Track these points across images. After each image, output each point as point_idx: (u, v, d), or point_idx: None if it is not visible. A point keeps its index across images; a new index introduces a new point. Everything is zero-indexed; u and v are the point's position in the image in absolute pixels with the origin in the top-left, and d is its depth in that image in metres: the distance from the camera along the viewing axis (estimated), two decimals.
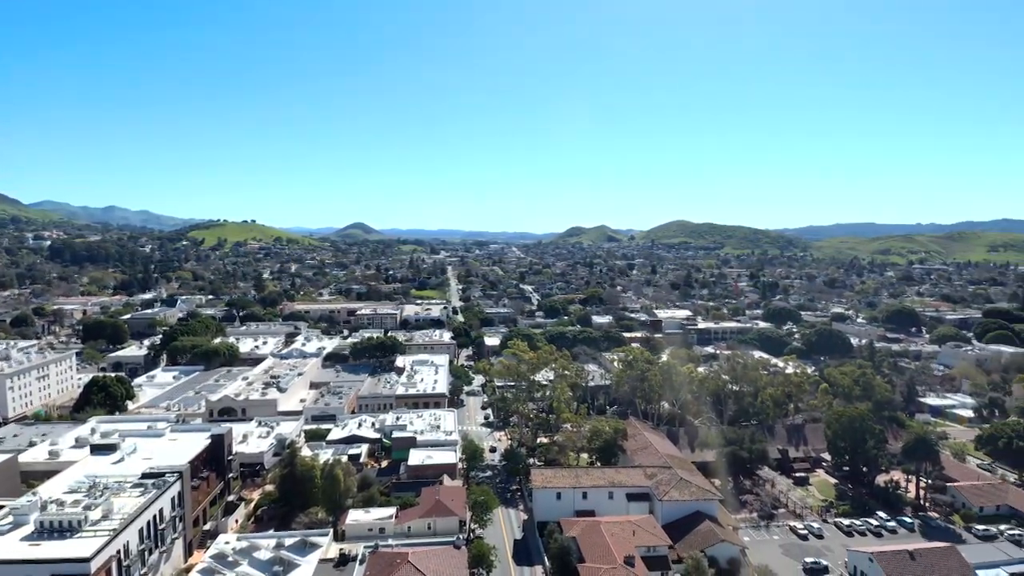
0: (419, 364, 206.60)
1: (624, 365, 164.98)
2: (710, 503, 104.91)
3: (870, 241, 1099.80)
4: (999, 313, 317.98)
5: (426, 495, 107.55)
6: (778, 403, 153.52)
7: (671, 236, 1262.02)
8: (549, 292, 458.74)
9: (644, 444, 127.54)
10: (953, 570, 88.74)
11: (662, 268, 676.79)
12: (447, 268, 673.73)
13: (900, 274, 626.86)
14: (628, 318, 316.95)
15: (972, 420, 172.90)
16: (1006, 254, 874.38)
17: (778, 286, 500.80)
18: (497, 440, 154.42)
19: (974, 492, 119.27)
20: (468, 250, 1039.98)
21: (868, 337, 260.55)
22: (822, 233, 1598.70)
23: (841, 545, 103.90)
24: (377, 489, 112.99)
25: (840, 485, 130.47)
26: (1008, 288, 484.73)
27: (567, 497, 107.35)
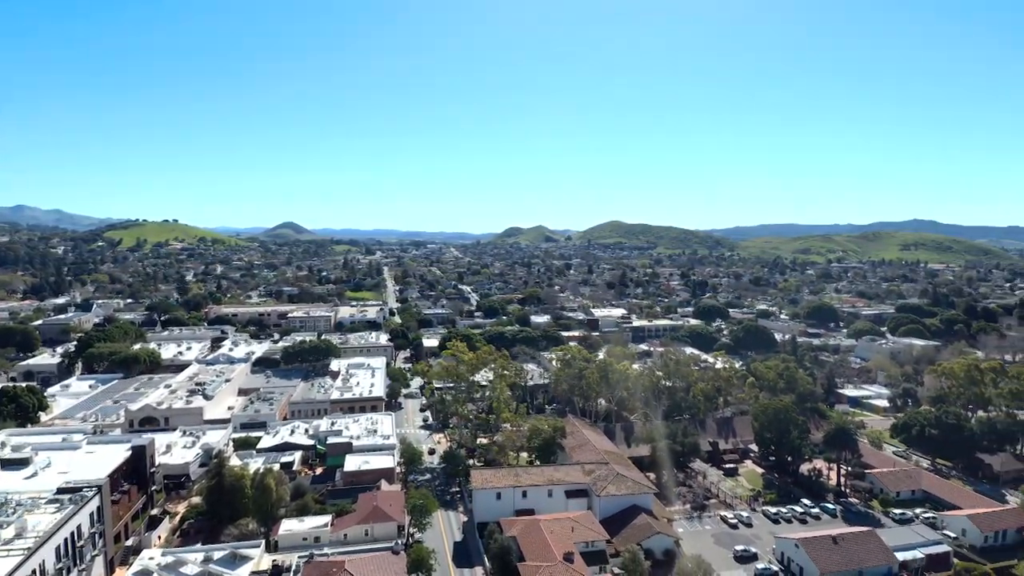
0: (355, 367, 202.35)
1: (562, 364, 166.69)
2: (646, 497, 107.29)
3: (792, 241, 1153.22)
4: (911, 308, 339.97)
5: (363, 501, 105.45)
6: (709, 397, 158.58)
7: (607, 236, 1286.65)
8: (488, 292, 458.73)
9: (582, 441, 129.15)
10: (873, 553, 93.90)
11: (598, 268, 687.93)
12: (383, 269, 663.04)
13: (820, 272, 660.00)
14: (566, 317, 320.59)
15: (887, 410, 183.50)
16: (917, 252, 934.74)
17: (707, 284, 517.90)
18: (436, 442, 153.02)
19: (890, 478, 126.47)
20: (405, 250, 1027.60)
21: (791, 332, 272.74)
22: (748, 233, 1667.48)
23: (769, 532, 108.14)
24: (311, 497, 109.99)
25: (767, 474, 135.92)
26: (919, 285, 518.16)
27: (507, 497, 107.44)
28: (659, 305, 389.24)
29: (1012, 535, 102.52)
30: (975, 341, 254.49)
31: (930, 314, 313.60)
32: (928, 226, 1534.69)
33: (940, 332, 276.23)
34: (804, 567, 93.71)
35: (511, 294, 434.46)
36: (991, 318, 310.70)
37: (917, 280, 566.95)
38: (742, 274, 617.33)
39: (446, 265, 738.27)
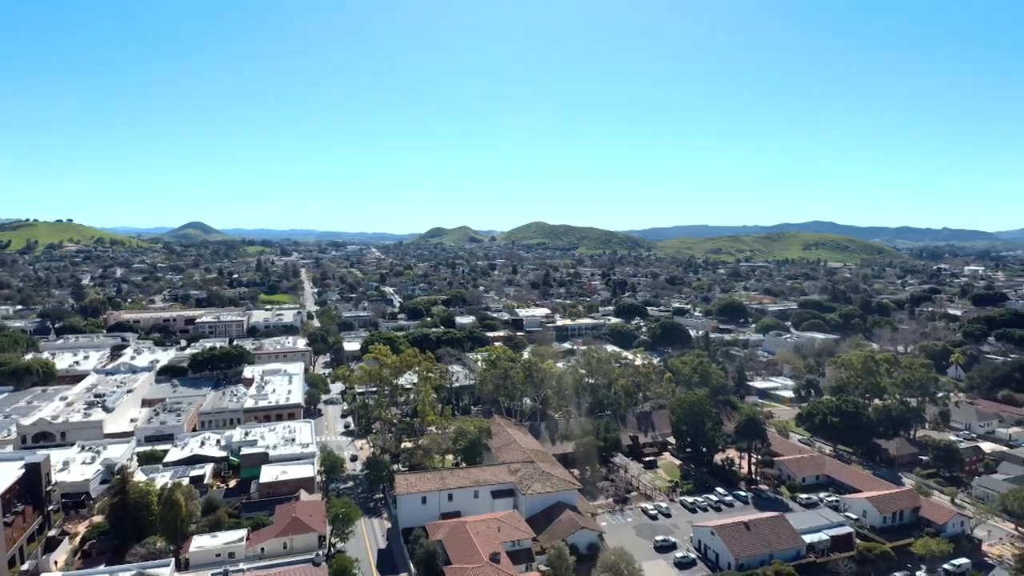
0: (270, 374, 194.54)
1: (488, 364, 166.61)
2: (570, 493, 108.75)
3: (704, 241, 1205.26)
4: (812, 304, 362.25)
5: (281, 513, 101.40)
6: (629, 393, 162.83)
7: (530, 237, 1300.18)
8: (411, 294, 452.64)
9: (508, 441, 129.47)
10: (783, 536, 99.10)
11: (523, 268, 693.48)
12: (300, 271, 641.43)
13: (730, 271, 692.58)
14: (491, 318, 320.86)
15: (793, 400, 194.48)
16: (817, 252, 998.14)
17: (627, 284, 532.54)
18: (359, 448, 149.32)
19: (797, 464, 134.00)
20: (323, 251, 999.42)
21: (704, 329, 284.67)
22: (664, 234, 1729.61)
23: (687, 521, 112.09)
24: (225, 511, 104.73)
25: (684, 466, 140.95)
26: (819, 282, 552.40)
27: (432, 500, 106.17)
28: (582, 304, 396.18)
29: (908, 515, 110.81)
30: (871, 334, 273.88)
31: (830, 309, 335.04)
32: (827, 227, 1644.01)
33: (839, 326, 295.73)
34: (720, 553, 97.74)
35: (435, 295, 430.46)
36: (885, 312, 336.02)
37: (818, 278, 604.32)
38: (659, 273, 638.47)
39: (367, 266, 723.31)
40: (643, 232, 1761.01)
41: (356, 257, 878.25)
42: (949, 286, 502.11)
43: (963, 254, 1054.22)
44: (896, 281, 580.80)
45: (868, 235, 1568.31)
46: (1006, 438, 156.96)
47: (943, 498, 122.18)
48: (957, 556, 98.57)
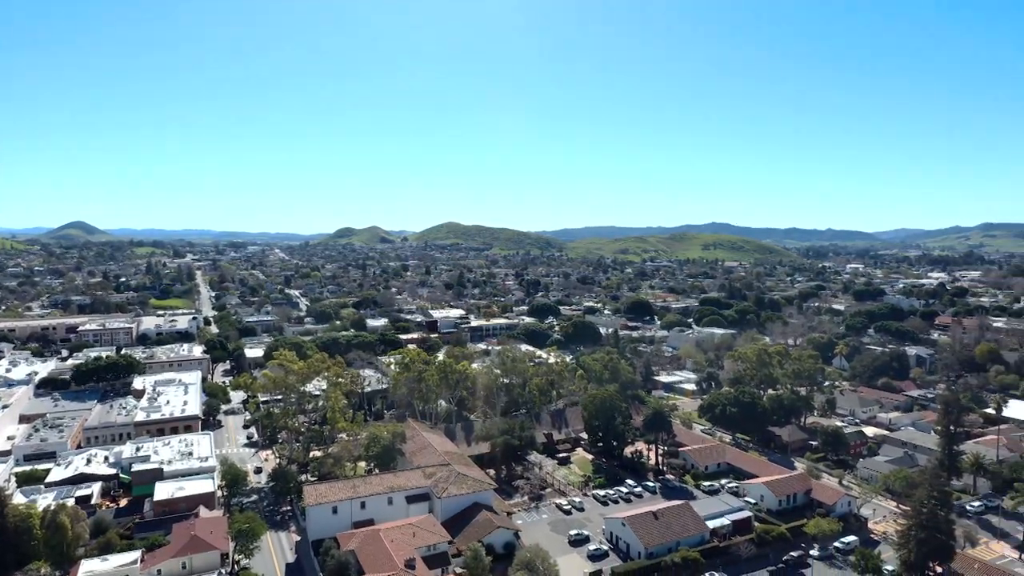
0: (163, 384, 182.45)
1: (401, 367, 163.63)
2: (486, 493, 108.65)
3: (613, 242, 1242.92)
4: (711, 301, 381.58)
5: (179, 531, 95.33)
6: (543, 391, 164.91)
7: (443, 237, 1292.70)
8: (319, 296, 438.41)
9: (423, 444, 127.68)
10: (688, 523, 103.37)
11: (436, 269, 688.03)
12: (196, 273, 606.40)
13: (636, 270, 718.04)
14: (404, 320, 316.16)
15: (695, 392, 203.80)
16: (716, 252, 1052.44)
17: (540, 284, 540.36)
18: (263, 460, 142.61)
19: (700, 454, 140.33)
20: (221, 252, 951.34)
21: (614, 327, 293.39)
22: (575, 235, 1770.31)
23: (599, 514, 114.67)
24: (116, 532, 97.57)
25: (596, 460, 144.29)
26: (718, 280, 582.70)
27: (344, 510, 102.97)
28: (496, 304, 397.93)
29: (801, 497, 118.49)
30: (764, 328, 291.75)
31: (727, 306, 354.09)
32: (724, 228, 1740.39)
33: (736, 322, 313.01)
34: (630, 543, 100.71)
35: (345, 297, 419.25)
36: (776, 308, 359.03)
37: (716, 276, 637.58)
38: (571, 273, 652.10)
39: (271, 268, 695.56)
40: (555, 233, 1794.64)
41: (258, 258, 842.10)
42: (833, 283, 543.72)
43: (845, 253, 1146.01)
44: (786, 279, 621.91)
45: (761, 235, 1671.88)
46: (886, 422, 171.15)
47: (832, 480, 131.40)
48: (846, 534, 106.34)
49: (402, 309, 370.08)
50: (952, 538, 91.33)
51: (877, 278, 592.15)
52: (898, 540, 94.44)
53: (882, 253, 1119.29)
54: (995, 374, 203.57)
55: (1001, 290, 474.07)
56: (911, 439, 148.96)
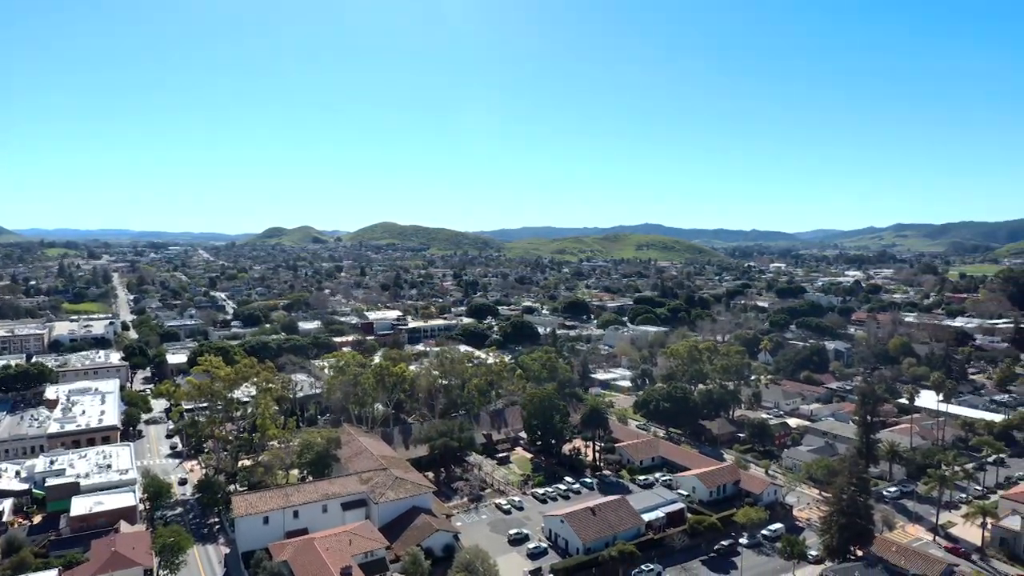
0: (79, 393, 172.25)
1: (335, 371, 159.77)
2: (425, 497, 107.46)
3: (550, 242, 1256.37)
4: (645, 300, 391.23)
5: (98, 548, 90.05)
6: (482, 392, 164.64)
7: (379, 237, 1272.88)
8: (247, 298, 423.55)
9: (359, 449, 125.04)
10: (624, 517, 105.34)
11: (372, 269, 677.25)
12: (112, 276, 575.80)
13: (573, 270, 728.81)
14: (338, 322, 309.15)
15: (630, 389, 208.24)
16: (648, 252, 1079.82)
17: (478, 284, 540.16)
18: (188, 471, 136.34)
19: (635, 449, 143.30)
20: (140, 253, 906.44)
21: (552, 326, 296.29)
22: (513, 235, 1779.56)
23: (539, 512, 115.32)
24: (30, 551, 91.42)
25: (535, 459, 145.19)
26: (651, 279, 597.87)
27: (276, 520, 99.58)
28: (434, 305, 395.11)
29: (730, 488, 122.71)
30: (694, 326, 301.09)
31: (660, 304, 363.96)
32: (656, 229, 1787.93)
33: (668, 319, 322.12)
34: (569, 540, 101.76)
35: (275, 300, 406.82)
36: (705, 306, 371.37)
37: (649, 276, 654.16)
38: (509, 273, 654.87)
39: (195, 270, 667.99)
40: (493, 233, 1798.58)
41: (181, 259, 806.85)
42: (758, 281, 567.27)
43: (768, 253, 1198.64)
44: (714, 277, 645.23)
45: (690, 236, 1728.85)
46: (808, 414, 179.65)
47: (759, 470, 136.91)
48: (772, 522, 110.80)
49: (336, 311, 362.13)
50: (871, 523, 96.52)
51: (798, 277, 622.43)
52: (821, 526, 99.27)
53: (802, 253, 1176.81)
54: (907, 366, 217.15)
55: (912, 287, 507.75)
56: (831, 429, 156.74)
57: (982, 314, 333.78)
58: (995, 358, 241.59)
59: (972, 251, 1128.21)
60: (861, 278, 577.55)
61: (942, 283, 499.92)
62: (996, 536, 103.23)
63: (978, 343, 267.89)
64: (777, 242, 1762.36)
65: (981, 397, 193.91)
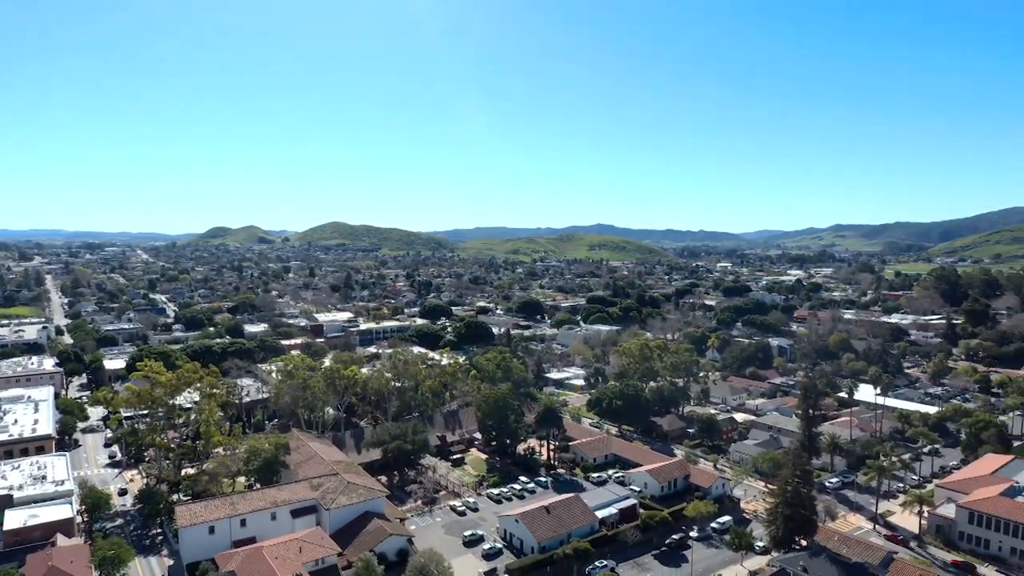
0: (9, 402, 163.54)
1: (283, 375, 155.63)
2: (377, 501, 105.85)
3: (504, 242, 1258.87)
4: (598, 299, 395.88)
5: (33, 563, 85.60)
6: (436, 393, 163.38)
7: (328, 238, 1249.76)
8: (189, 301, 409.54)
9: (309, 455, 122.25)
10: (578, 515, 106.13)
11: (321, 270, 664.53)
12: (45, 278, 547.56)
13: (527, 270, 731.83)
14: (286, 324, 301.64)
15: (584, 387, 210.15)
16: (600, 252, 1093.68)
17: (432, 284, 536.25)
18: (128, 481, 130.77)
19: (588, 447, 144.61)
20: (75, 254, 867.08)
21: (506, 326, 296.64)
22: (466, 235, 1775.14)
23: (493, 513, 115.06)
24: None
25: (490, 459, 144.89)
26: (603, 279, 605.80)
27: (222, 529, 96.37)
28: (386, 306, 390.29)
29: (681, 482, 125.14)
30: (645, 324, 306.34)
31: (612, 304, 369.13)
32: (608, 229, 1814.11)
33: (620, 318, 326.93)
34: (524, 539, 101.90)
35: (219, 302, 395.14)
36: (656, 305, 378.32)
37: (602, 275, 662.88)
38: (463, 274, 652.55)
39: (133, 271, 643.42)
40: (447, 233, 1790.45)
41: (118, 260, 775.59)
42: (705, 280, 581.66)
43: (715, 253, 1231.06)
44: (664, 277, 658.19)
45: (641, 236, 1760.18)
46: (754, 409, 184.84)
47: (707, 465, 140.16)
48: (721, 515, 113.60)
49: (284, 313, 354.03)
50: (814, 513, 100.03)
51: (744, 276, 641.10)
52: (767, 517, 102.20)
53: (747, 253, 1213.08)
54: (846, 361, 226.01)
55: (850, 285, 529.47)
56: (776, 423, 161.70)
57: (916, 311, 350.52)
58: (929, 353, 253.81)
59: (907, 250, 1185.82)
60: (803, 277, 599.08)
61: (878, 281, 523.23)
62: (932, 523, 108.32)
63: (913, 338, 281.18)
64: (723, 242, 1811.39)
65: (916, 390, 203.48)
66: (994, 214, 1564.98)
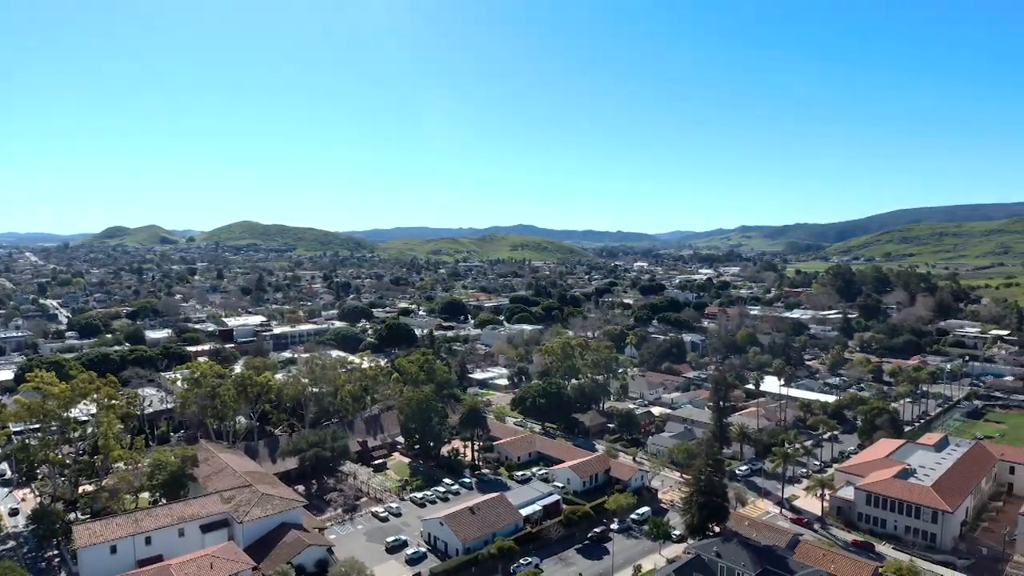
0: None
1: (190, 383, 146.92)
2: (295, 512, 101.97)
3: (426, 243, 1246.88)
4: (520, 299, 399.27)
5: None
6: (356, 398, 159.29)
7: (237, 238, 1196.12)
8: (84, 306, 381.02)
9: (219, 467, 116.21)
10: (503, 514, 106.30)
11: (230, 272, 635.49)
12: None
13: (450, 271, 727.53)
14: (192, 330, 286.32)
15: (508, 387, 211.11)
16: (523, 252, 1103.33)
17: (351, 286, 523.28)
18: (20, 500, 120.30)
19: (513, 445, 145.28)
20: None
21: (429, 327, 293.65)
22: (386, 235, 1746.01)
23: (417, 517, 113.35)
24: None
25: (413, 463, 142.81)
26: (525, 279, 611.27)
27: (125, 548, 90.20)
28: (302, 309, 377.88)
29: (601, 477, 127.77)
30: (567, 323, 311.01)
31: (535, 303, 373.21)
32: (530, 230, 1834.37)
33: (543, 317, 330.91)
34: (448, 542, 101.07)
35: (118, 307, 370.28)
36: (577, 304, 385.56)
37: (524, 275, 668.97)
38: (383, 275, 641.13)
39: (21, 274, 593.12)
40: (366, 233, 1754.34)
41: (4, 263, 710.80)
42: (623, 280, 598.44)
43: (632, 253, 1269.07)
44: (585, 276, 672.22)
45: (562, 237, 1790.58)
46: (669, 402, 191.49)
47: (627, 458, 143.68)
48: (640, 506, 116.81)
49: (190, 318, 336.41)
50: (726, 500, 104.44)
51: (659, 275, 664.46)
52: (683, 506, 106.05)
53: (662, 252, 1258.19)
54: (753, 355, 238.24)
55: (755, 283, 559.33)
56: (690, 415, 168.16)
57: (815, 306, 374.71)
58: (827, 345, 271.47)
59: (806, 250, 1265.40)
60: (712, 275, 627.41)
61: (781, 279, 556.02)
62: (833, 506, 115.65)
63: (812, 332, 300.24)
64: (640, 242, 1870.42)
65: (816, 380, 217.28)
66: (884, 215, 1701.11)
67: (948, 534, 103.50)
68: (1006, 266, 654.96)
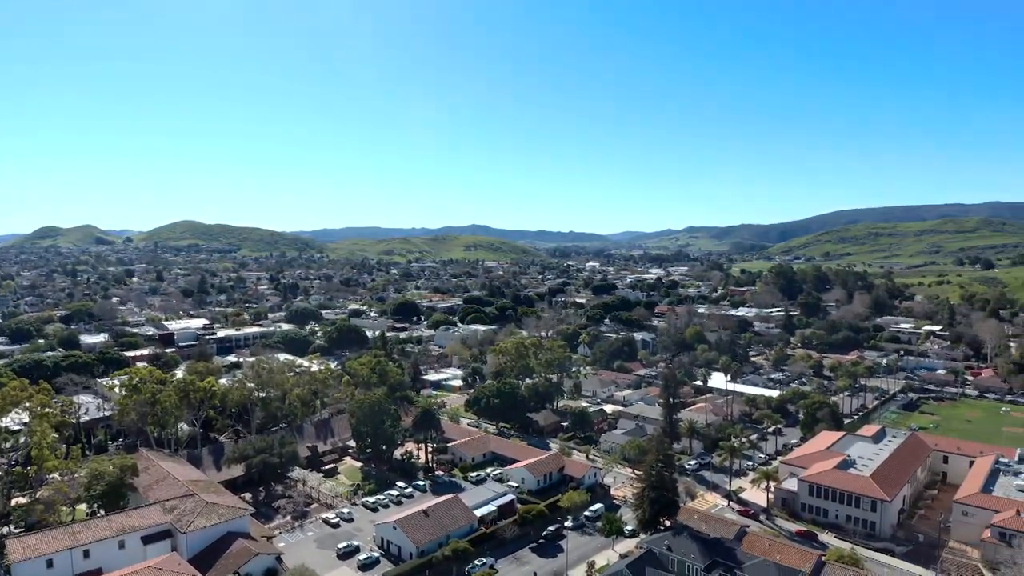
0: None
1: (128, 390, 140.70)
2: (241, 520, 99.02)
3: (377, 243, 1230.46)
4: (474, 300, 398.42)
5: None
6: (305, 402, 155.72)
7: (178, 238, 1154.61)
8: (14, 310, 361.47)
9: (161, 475, 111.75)
10: (458, 516, 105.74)
11: (171, 273, 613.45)
12: None
13: (402, 271, 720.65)
14: (130, 334, 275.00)
15: (462, 388, 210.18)
16: (476, 252, 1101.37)
17: (299, 287, 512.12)
18: None
19: (467, 446, 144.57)
20: None
21: (380, 329, 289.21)
22: (335, 235, 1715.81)
23: (369, 522, 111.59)
24: None
25: (365, 467, 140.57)
26: (479, 279, 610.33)
27: (62, 562, 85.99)
28: (247, 311, 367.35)
29: (556, 475, 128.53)
30: (521, 323, 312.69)
31: (489, 303, 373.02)
32: (483, 230, 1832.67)
33: (497, 318, 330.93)
34: (402, 545, 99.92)
35: (50, 310, 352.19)
36: (531, 304, 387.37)
37: (478, 275, 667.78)
38: (332, 275, 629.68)
39: None
40: (314, 233, 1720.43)
41: None
42: (576, 279, 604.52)
43: (585, 253, 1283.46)
44: (538, 277, 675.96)
45: (515, 237, 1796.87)
46: (621, 399, 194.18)
47: (580, 456, 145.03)
48: (594, 503, 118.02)
49: (128, 322, 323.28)
50: (676, 494, 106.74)
51: (611, 275, 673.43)
52: (634, 502, 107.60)
53: (613, 252, 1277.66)
54: (701, 352, 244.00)
55: (702, 282, 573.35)
56: (641, 412, 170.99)
57: (759, 304, 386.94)
58: (771, 342, 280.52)
59: (750, 250, 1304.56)
60: (662, 275, 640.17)
61: (727, 278, 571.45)
62: (778, 497, 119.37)
63: (757, 329, 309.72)
64: (592, 243, 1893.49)
65: (761, 376, 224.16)
66: (824, 216, 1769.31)
67: (887, 522, 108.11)
68: (938, 264, 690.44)
